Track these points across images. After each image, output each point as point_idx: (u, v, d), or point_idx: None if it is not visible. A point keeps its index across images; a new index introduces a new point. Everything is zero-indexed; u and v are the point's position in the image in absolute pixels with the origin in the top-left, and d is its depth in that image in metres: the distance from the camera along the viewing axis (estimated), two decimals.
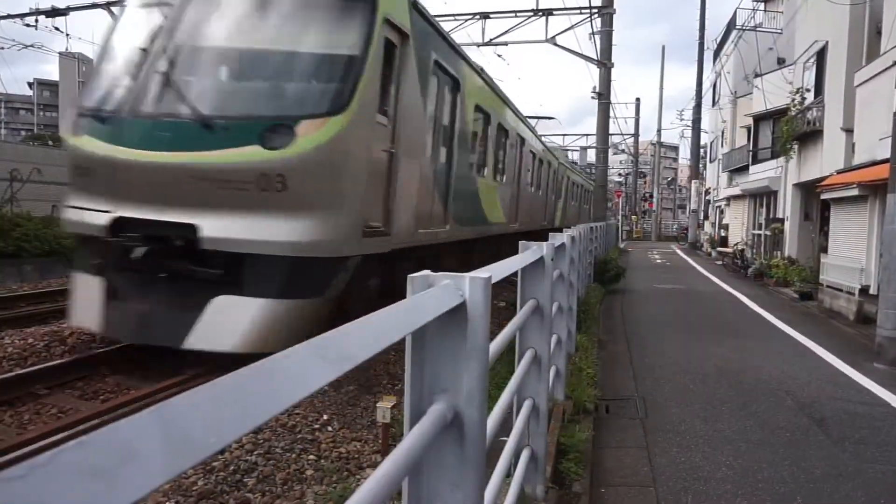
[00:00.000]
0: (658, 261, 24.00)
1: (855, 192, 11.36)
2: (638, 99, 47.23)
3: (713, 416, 5.15)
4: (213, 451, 0.59)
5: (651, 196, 51.20)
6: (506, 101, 11.72)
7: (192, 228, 5.26)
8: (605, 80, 18.80)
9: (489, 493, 2.14)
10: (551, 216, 19.47)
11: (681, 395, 5.76)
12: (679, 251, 30.89)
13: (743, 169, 23.80)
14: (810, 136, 15.56)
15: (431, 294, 1.39)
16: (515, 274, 2.90)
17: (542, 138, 19.60)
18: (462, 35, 18.41)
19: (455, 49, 8.37)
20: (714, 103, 31.79)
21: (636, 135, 48.83)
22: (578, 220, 25.17)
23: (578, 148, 52.92)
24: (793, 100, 16.47)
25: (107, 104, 5.85)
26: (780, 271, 15.49)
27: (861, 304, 10.33)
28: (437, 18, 8.54)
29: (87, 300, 5.78)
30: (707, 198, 34.69)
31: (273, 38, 5.86)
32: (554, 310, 3.93)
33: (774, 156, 19.35)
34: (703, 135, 35.09)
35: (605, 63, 18.54)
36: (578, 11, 18.23)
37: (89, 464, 0.47)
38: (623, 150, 55.20)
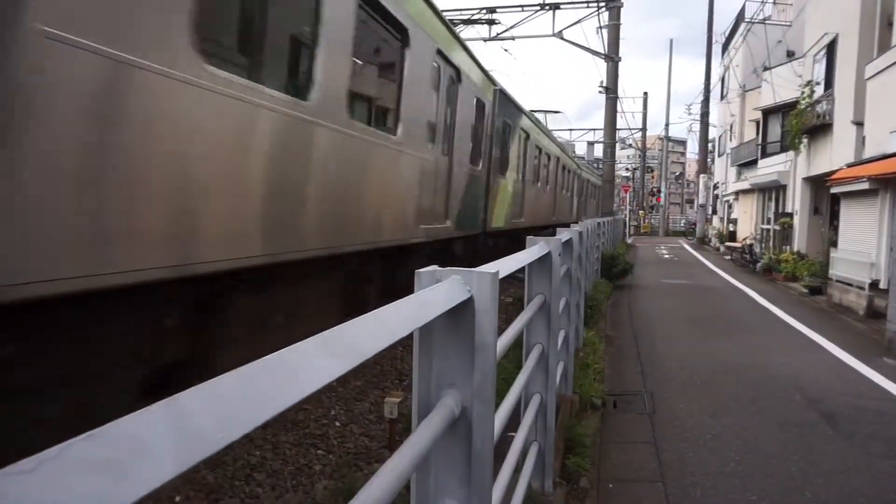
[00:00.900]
0: (666, 256, 23.90)
1: (865, 185, 11.26)
2: (645, 93, 46.86)
3: (721, 412, 5.13)
4: (222, 446, 0.59)
5: (659, 191, 50.96)
6: None
7: None
8: (613, 75, 18.72)
9: (497, 488, 2.14)
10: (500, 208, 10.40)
11: (689, 390, 5.74)
12: (687, 246, 30.76)
13: (751, 163, 23.64)
14: (820, 129, 15.42)
15: (439, 289, 1.38)
16: (523, 270, 2.90)
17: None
18: (469, 30, 18.34)
19: None
20: (723, 97, 31.58)
21: (644, 129, 48.58)
22: (553, 214, 16.91)
23: (586, 143, 52.72)
24: (802, 93, 16.33)
25: None
26: (788, 266, 15.39)
27: (871, 299, 10.25)
28: (445, 13, 7.73)
29: None
30: (715, 192, 34.49)
31: None
32: (561, 305, 3.92)
33: (783, 150, 19.21)
34: (711, 129, 34.88)
35: (612, 57, 18.45)
36: (586, 5, 18.16)
37: (98, 457, 0.47)
38: (630, 145, 54.95)
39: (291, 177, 4.05)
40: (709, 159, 36.73)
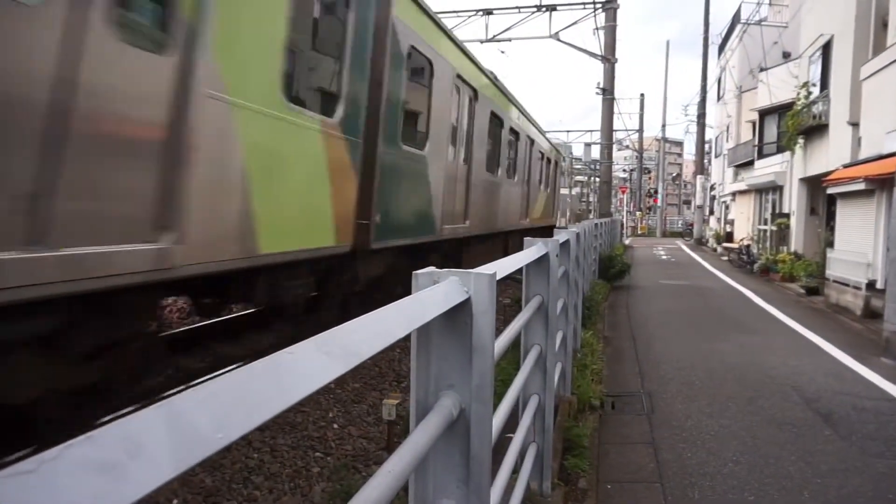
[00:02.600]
0: (663, 257, 23.94)
1: (861, 186, 11.29)
2: (642, 95, 46.85)
3: (719, 412, 5.13)
4: (220, 447, 0.59)
5: (656, 192, 51.04)
6: None
7: None
8: (610, 76, 18.76)
9: (496, 489, 2.14)
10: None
11: (686, 390, 5.74)
12: (684, 247, 30.80)
13: (748, 164, 23.70)
14: (816, 130, 15.47)
15: (436, 290, 1.39)
16: (520, 271, 2.90)
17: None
18: (465, 31, 18.38)
19: None
20: (719, 98, 31.66)
21: (640, 131, 48.68)
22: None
23: (583, 144, 52.79)
24: (798, 94, 16.38)
25: None
26: (785, 266, 15.43)
27: (868, 299, 10.28)
28: (440, 15, 7.49)
29: None
30: (712, 193, 34.55)
31: None
32: (559, 307, 3.93)
33: (780, 150, 19.26)
34: (708, 130, 34.95)
35: (609, 59, 18.49)
36: (582, 6, 18.20)
37: (97, 458, 0.47)
38: (627, 146, 55.03)
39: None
40: (706, 160, 36.81)
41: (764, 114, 21.26)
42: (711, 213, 34.93)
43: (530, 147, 13.78)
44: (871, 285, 10.60)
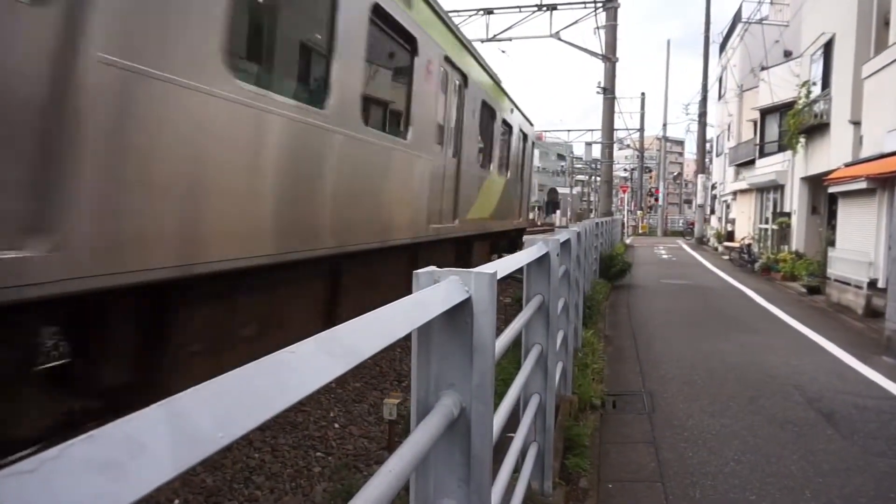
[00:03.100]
0: (664, 256, 23.91)
1: (863, 185, 11.27)
2: (643, 94, 46.80)
3: (720, 411, 5.13)
4: (221, 446, 0.59)
5: (657, 191, 51.02)
6: None
7: None
8: (610, 75, 18.76)
9: (497, 489, 2.14)
10: None
11: (688, 390, 5.74)
12: (685, 246, 30.77)
13: (749, 163, 23.68)
14: (817, 129, 15.46)
15: (437, 289, 1.39)
16: (521, 270, 2.90)
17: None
18: (466, 31, 18.39)
19: None
20: (720, 97, 31.65)
21: (641, 130, 48.65)
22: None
23: (584, 143, 52.74)
24: (800, 93, 16.36)
25: None
26: (787, 266, 15.41)
27: (869, 298, 10.27)
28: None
29: None
30: (713, 192, 34.53)
31: None
32: (560, 306, 3.93)
33: (781, 149, 19.25)
34: (709, 129, 34.93)
35: (609, 58, 18.48)
36: (583, 6, 18.20)
37: (98, 457, 0.47)
38: (628, 146, 54.99)
39: None
40: (707, 159, 36.78)
41: (765, 113, 21.25)
42: (712, 212, 34.91)
43: (464, 93, 8.12)
44: (872, 284, 10.59)
